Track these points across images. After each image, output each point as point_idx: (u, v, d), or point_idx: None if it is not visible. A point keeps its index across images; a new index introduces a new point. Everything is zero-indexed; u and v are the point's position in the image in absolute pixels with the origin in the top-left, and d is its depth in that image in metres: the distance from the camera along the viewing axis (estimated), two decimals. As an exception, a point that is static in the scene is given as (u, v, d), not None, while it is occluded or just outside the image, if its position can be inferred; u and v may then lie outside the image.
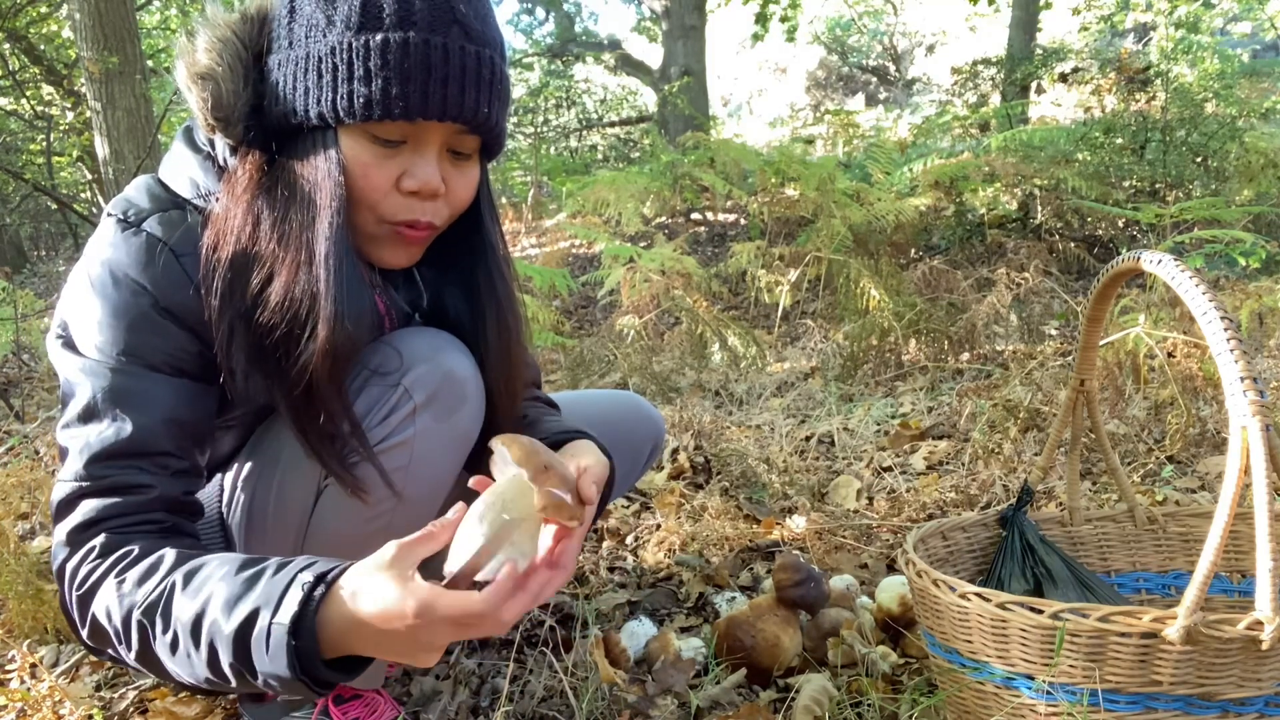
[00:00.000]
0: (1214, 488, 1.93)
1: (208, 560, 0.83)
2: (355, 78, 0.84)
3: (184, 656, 0.79)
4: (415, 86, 0.84)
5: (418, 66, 0.84)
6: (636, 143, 12.11)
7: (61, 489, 0.88)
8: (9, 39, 7.10)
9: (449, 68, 0.85)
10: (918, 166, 4.87)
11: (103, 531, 0.85)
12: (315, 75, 0.85)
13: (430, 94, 0.85)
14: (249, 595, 0.76)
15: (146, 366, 0.89)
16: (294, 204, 0.88)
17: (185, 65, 0.89)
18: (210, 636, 0.77)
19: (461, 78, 0.86)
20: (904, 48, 17.34)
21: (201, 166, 0.94)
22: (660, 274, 3.58)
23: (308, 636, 0.74)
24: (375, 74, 0.84)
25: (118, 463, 0.87)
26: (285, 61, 0.88)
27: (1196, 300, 0.87)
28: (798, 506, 1.93)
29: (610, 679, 1.27)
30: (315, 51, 0.85)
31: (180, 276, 0.89)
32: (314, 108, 0.86)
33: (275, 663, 0.74)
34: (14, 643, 1.40)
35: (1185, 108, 4.75)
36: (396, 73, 0.84)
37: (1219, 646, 0.82)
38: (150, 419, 0.88)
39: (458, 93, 0.86)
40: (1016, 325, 3.38)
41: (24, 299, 3.52)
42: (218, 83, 0.88)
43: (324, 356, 0.89)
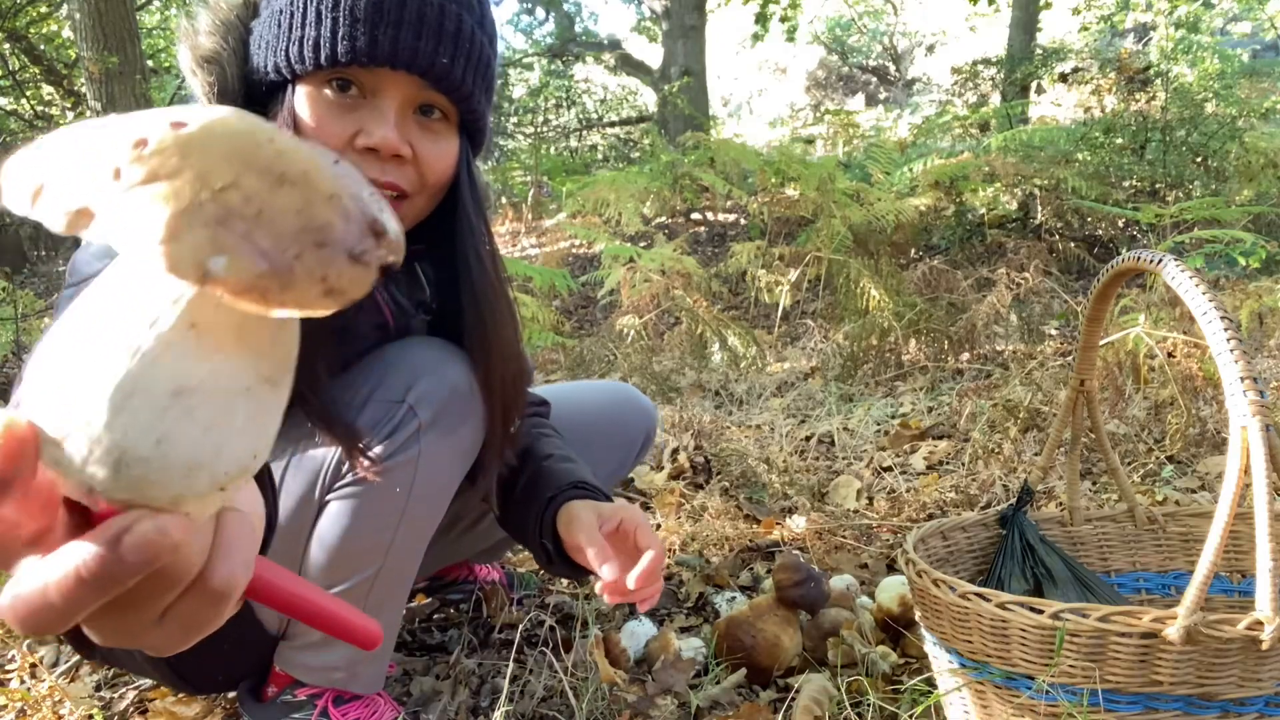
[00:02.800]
0: (1214, 488, 1.93)
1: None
2: (306, 23, 0.83)
3: None
4: (363, 29, 0.82)
5: (369, 8, 0.82)
6: (636, 143, 12.11)
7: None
8: (9, 39, 7.10)
9: (404, 12, 0.83)
10: (918, 166, 4.87)
11: None
12: (275, 27, 0.85)
13: (379, 38, 0.82)
14: None
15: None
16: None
17: (189, 49, 0.87)
18: None
19: (419, 24, 0.83)
20: (904, 48, 17.34)
21: None
22: (660, 274, 3.58)
23: None
24: (325, 16, 0.82)
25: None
26: (260, 23, 0.88)
27: (1196, 300, 0.87)
28: (798, 506, 1.93)
29: (610, 679, 1.27)
30: (276, 6, 0.86)
31: None
32: (270, 60, 0.86)
33: None
34: (14, 643, 1.40)
35: (1185, 108, 4.75)
36: (346, 15, 0.82)
37: (1219, 646, 0.82)
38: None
39: (411, 38, 0.83)
40: (1016, 325, 3.38)
41: (24, 299, 3.52)
42: (222, 66, 0.87)
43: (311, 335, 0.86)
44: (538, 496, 1.08)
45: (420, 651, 1.43)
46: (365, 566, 1.01)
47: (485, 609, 1.52)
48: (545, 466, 1.11)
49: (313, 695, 1.11)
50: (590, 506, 1.01)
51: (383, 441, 0.95)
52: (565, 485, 1.06)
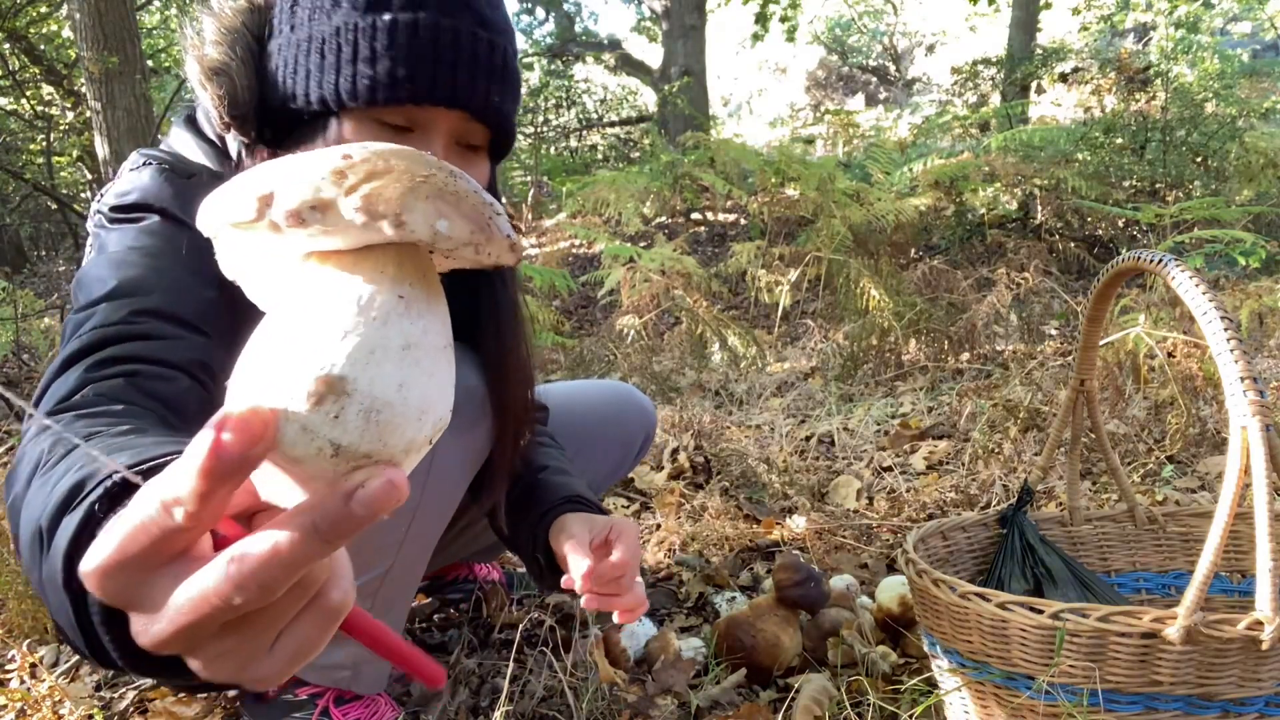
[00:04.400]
0: (1214, 488, 1.93)
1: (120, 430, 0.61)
2: (360, 59, 0.80)
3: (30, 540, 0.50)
4: (423, 70, 0.81)
5: (427, 49, 0.81)
6: (636, 143, 12.11)
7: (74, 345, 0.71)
8: (9, 39, 7.10)
9: (459, 52, 0.82)
10: (918, 166, 4.87)
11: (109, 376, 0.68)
12: (318, 57, 0.82)
13: (438, 78, 0.81)
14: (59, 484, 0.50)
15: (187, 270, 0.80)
16: None
17: (196, 60, 0.84)
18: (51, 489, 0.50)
19: (472, 64, 0.83)
20: (904, 48, 17.34)
21: (211, 158, 0.90)
22: (660, 274, 3.58)
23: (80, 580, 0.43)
24: (381, 55, 0.80)
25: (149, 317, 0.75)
26: (286, 45, 0.84)
27: (1196, 300, 0.87)
28: (798, 506, 1.93)
29: (610, 679, 1.27)
30: (319, 33, 0.81)
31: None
32: (315, 91, 0.82)
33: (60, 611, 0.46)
34: (14, 643, 1.40)
35: (1185, 108, 4.75)
36: (404, 54, 0.80)
37: (1219, 646, 0.82)
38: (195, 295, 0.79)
39: (467, 79, 0.83)
40: (1016, 325, 3.38)
41: (24, 299, 3.52)
42: (231, 78, 0.83)
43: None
44: (532, 510, 1.08)
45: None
46: (376, 564, 1.01)
47: (485, 609, 1.52)
48: (541, 479, 1.11)
49: (314, 695, 1.11)
50: (582, 519, 1.00)
51: None
52: (559, 500, 1.06)
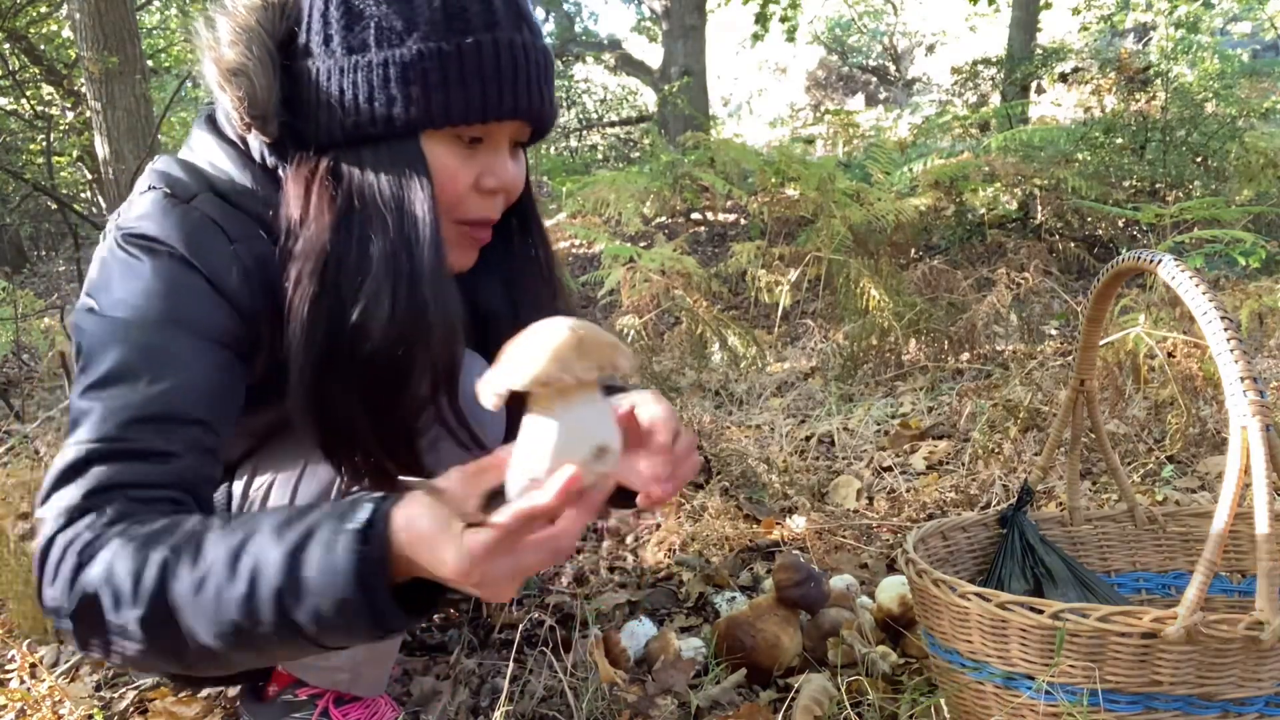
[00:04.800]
0: (1214, 488, 1.93)
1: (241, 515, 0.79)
2: (449, 82, 0.82)
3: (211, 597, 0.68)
4: (506, 87, 0.84)
5: (507, 68, 0.83)
6: (636, 143, 12.11)
7: (72, 452, 0.77)
8: (9, 39, 7.10)
9: (529, 65, 0.85)
10: (918, 166, 4.87)
11: (118, 499, 0.76)
12: (401, 83, 0.82)
13: (517, 94, 0.85)
14: (306, 518, 0.69)
15: (190, 332, 0.83)
16: (388, 221, 0.84)
17: (214, 62, 0.84)
18: (255, 563, 0.68)
19: (536, 75, 0.86)
20: (904, 48, 17.34)
21: (234, 160, 0.90)
22: (660, 274, 3.58)
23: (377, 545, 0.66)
24: (470, 77, 0.82)
25: (150, 427, 0.79)
26: (353, 68, 0.82)
27: (1196, 300, 0.87)
28: (798, 506, 1.93)
29: (610, 679, 1.27)
30: (398, 56, 0.81)
31: (235, 262, 0.85)
32: (401, 115, 0.83)
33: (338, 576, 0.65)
34: (14, 643, 1.40)
35: (1185, 108, 4.74)
36: (491, 75, 0.83)
37: (1219, 646, 0.82)
38: (191, 383, 0.81)
39: (538, 90, 0.87)
40: (1016, 325, 3.38)
41: (24, 299, 3.52)
42: (250, 79, 0.83)
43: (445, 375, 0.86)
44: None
45: (420, 651, 1.43)
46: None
47: (485, 609, 1.52)
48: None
49: (314, 695, 1.11)
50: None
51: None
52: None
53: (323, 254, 0.84)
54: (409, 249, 0.84)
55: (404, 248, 0.84)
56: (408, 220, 0.84)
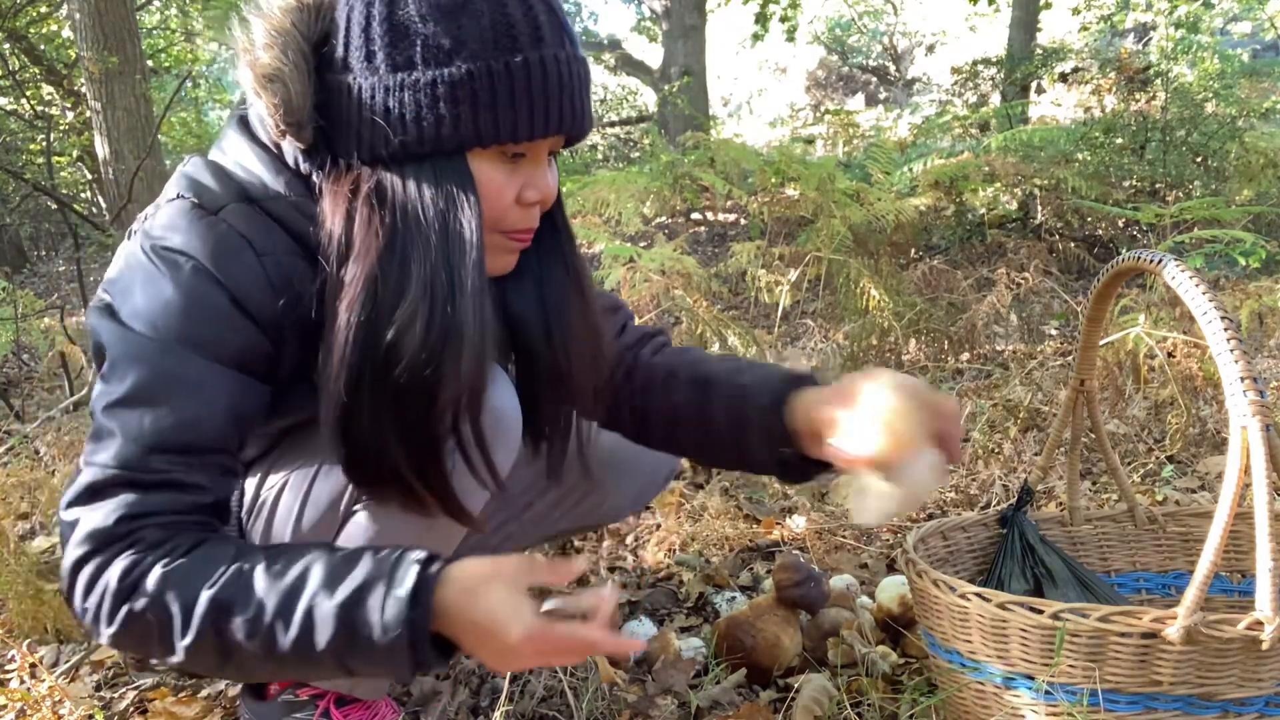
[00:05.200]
0: (1214, 487, 1.93)
1: (281, 547, 0.85)
2: (498, 101, 0.82)
3: (266, 635, 0.76)
4: (554, 106, 0.84)
5: (554, 85, 0.83)
6: (636, 143, 12.10)
7: (97, 472, 0.81)
8: (9, 39, 7.10)
9: (571, 81, 0.85)
10: (918, 166, 4.86)
11: (150, 526, 0.80)
12: (450, 102, 0.81)
13: (563, 111, 0.85)
14: (354, 571, 0.77)
15: (211, 357, 0.84)
16: (431, 241, 0.83)
17: (249, 66, 0.83)
18: (308, 611, 0.76)
19: (579, 88, 0.87)
20: (904, 48, 17.34)
21: (267, 165, 0.89)
22: (660, 274, 3.58)
23: (423, 611, 0.75)
24: (519, 96, 0.82)
25: (171, 456, 0.82)
26: (399, 86, 0.81)
27: (1196, 300, 0.87)
28: (798, 506, 1.93)
29: (610, 679, 1.27)
30: (446, 76, 0.80)
31: (261, 276, 0.85)
32: (450, 134, 0.82)
33: (389, 634, 0.75)
34: (14, 643, 1.40)
35: (1185, 108, 4.74)
36: (540, 93, 0.83)
37: (1219, 646, 0.82)
38: (212, 412, 0.83)
39: (580, 104, 0.87)
40: (1016, 325, 3.38)
41: (24, 299, 3.52)
42: (286, 84, 0.82)
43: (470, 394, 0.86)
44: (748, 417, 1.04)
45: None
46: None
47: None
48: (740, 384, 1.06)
49: (315, 695, 1.11)
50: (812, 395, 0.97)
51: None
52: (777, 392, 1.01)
53: (372, 282, 0.83)
54: (450, 269, 0.84)
55: (445, 268, 0.84)
56: (452, 241, 0.84)
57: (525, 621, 0.75)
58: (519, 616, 0.75)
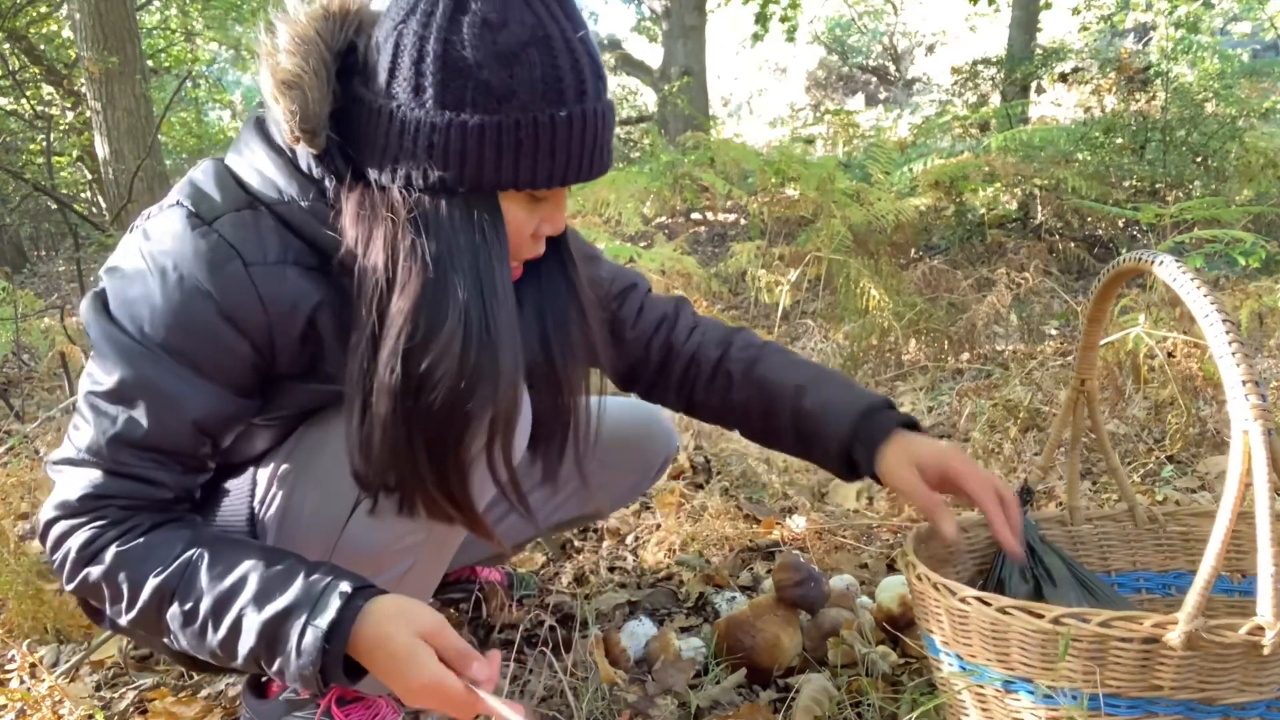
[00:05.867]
0: (1214, 487, 1.93)
1: (228, 542, 0.91)
2: (539, 151, 0.84)
3: (197, 630, 0.86)
4: (587, 155, 0.87)
5: (589, 137, 0.87)
6: (636, 143, 12.09)
7: (73, 450, 0.90)
8: (9, 39, 7.09)
9: (604, 132, 0.89)
10: (918, 166, 4.86)
11: (112, 506, 0.89)
12: (494, 147, 0.83)
13: (595, 159, 0.89)
14: (284, 592, 0.84)
15: (190, 368, 0.89)
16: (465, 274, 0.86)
17: (270, 71, 0.85)
18: (235, 620, 0.84)
19: (608, 136, 0.90)
20: (904, 48, 17.33)
21: (280, 168, 0.91)
22: (660, 274, 3.58)
23: (339, 642, 0.83)
24: (559, 148, 0.85)
25: (138, 453, 0.89)
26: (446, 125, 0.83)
27: (1197, 301, 0.87)
28: (798, 506, 1.93)
29: (610, 679, 1.27)
30: (494, 122, 0.82)
31: (248, 286, 0.87)
32: (491, 177, 0.85)
33: (303, 658, 0.82)
34: (14, 643, 1.40)
35: (1185, 108, 4.74)
36: (578, 145, 0.86)
37: (1220, 652, 0.82)
38: (179, 420, 0.89)
39: (608, 152, 0.91)
40: (1016, 325, 3.38)
41: (24, 299, 3.52)
42: (304, 91, 0.84)
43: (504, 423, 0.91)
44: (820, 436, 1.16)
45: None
46: (397, 563, 1.03)
47: (485, 609, 1.52)
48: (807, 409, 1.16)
49: (315, 694, 1.11)
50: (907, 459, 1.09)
51: None
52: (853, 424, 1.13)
53: (416, 311, 0.85)
54: (483, 300, 0.87)
55: (479, 299, 0.87)
56: (484, 273, 0.87)
57: (428, 672, 0.82)
58: (423, 666, 0.82)
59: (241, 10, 9.38)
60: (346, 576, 0.86)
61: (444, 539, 1.07)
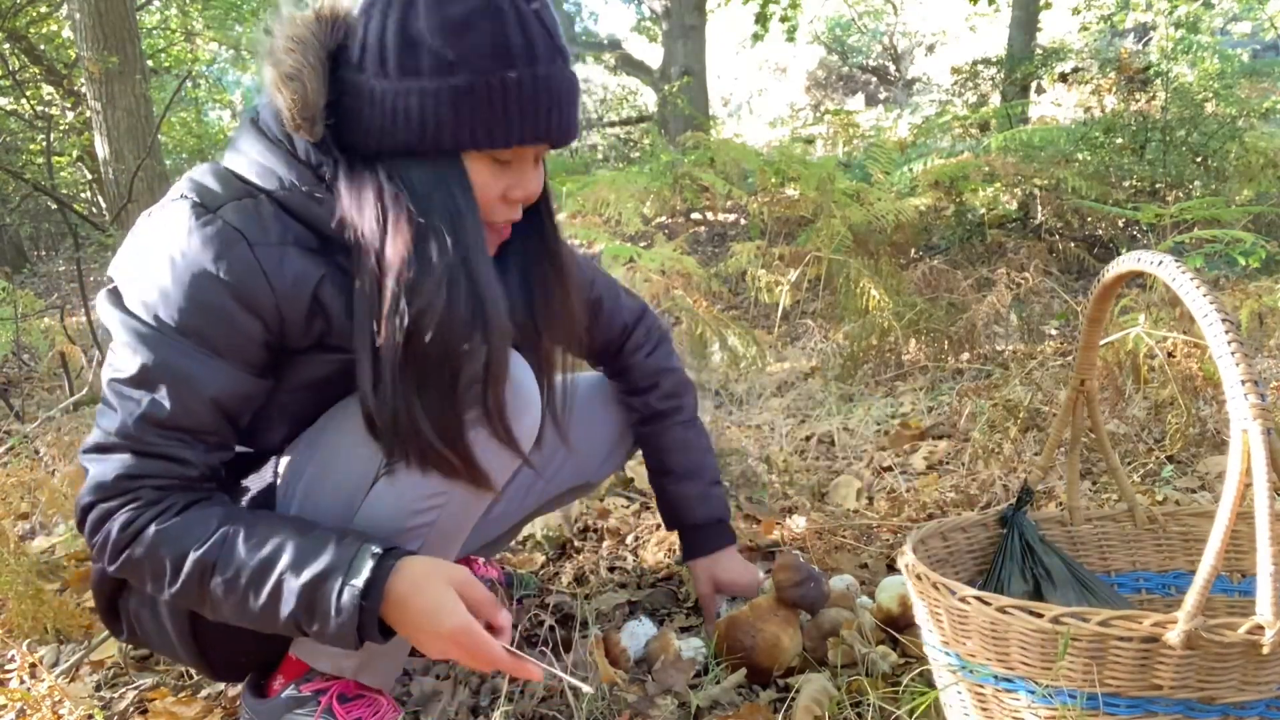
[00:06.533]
0: (1214, 487, 1.93)
1: (262, 517, 0.97)
2: (494, 113, 0.91)
3: (239, 598, 0.92)
4: (541, 118, 0.93)
5: (543, 99, 0.93)
6: (636, 143, 12.09)
7: (103, 435, 0.94)
8: (9, 39, 7.09)
9: (561, 95, 0.94)
10: (918, 166, 4.86)
11: (145, 487, 0.94)
12: (450, 109, 0.91)
13: (551, 123, 0.94)
14: (320, 556, 0.91)
15: (206, 349, 0.94)
16: (444, 231, 0.94)
17: (272, 66, 0.93)
18: (275, 586, 0.91)
19: (567, 101, 0.95)
20: (904, 48, 17.33)
21: (280, 158, 0.98)
22: (660, 274, 3.58)
23: (374, 599, 0.90)
24: (511, 108, 0.91)
25: (164, 432, 0.94)
26: (406, 91, 0.91)
27: (1197, 301, 0.87)
28: (798, 506, 1.93)
29: (610, 679, 1.27)
30: (450, 85, 0.90)
31: (254, 266, 0.94)
32: (449, 138, 0.92)
33: (342, 615, 0.90)
34: (14, 643, 1.40)
35: (1185, 108, 4.73)
36: (530, 107, 0.92)
37: (1219, 651, 0.82)
38: (200, 400, 0.94)
39: (570, 118, 0.96)
40: (1016, 325, 3.38)
41: (24, 299, 3.52)
42: (303, 84, 0.92)
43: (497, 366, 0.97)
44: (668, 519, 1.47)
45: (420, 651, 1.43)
46: (405, 544, 1.04)
47: (485, 609, 1.52)
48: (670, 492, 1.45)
49: (317, 691, 1.12)
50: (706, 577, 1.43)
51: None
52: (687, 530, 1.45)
53: (404, 267, 0.93)
54: (465, 256, 0.95)
55: (460, 255, 0.95)
56: (459, 227, 0.95)
57: (458, 617, 0.90)
58: (454, 612, 0.91)
59: (241, 10, 9.39)
60: (375, 540, 0.94)
61: (454, 520, 1.10)
